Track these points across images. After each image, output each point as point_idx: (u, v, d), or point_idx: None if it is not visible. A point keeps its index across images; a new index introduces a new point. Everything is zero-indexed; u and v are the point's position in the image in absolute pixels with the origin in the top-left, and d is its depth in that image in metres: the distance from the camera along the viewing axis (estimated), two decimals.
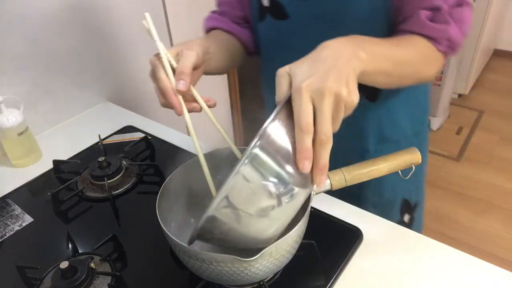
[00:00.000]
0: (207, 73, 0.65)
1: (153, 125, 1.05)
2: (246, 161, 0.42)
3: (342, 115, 0.44)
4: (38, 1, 0.95)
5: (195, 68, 0.58)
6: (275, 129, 0.44)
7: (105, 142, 0.97)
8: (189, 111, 0.57)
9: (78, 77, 1.10)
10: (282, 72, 0.47)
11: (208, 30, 0.80)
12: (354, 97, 0.44)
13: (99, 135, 0.96)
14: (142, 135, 0.98)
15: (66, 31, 1.03)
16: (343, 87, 0.43)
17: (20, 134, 0.89)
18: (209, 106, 0.60)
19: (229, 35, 0.78)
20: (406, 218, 0.85)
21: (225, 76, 1.64)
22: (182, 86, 0.55)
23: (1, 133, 0.88)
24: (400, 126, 0.78)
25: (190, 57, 0.57)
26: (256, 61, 0.86)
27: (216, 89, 1.65)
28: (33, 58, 0.98)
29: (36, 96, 1.01)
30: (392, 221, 0.79)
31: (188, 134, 0.65)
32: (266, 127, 0.43)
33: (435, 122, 2.54)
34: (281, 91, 0.46)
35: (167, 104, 0.57)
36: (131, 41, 1.22)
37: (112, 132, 1.02)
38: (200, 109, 0.59)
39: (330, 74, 0.43)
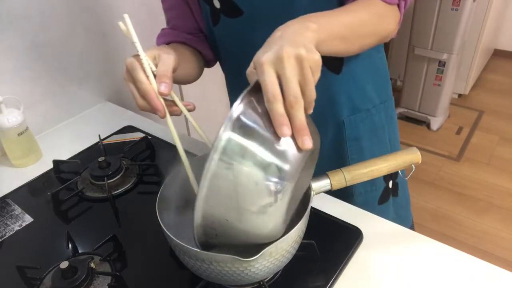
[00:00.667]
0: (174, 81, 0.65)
1: (153, 125, 1.05)
2: (215, 155, 0.42)
3: (311, 76, 0.45)
4: (38, 2, 0.95)
5: (173, 72, 0.58)
6: (242, 111, 0.43)
7: (105, 142, 0.97)
8: (170, 114, 0.57)
9: (78, 77, 1.10)
10: (249, 70, 0.48)
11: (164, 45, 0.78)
12: (314, 55, 0.45)
13: (99, 135, 0.96)
14: (142, 135, 0.98)
15: (66, 31, 1.03)
16: (301, 48, 0.44)
17: (20, 134, 0.89)
18: (189, 110, 0.60)
19: (185, 45, 0.77)
20: (390, 184, 0.86)
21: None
22: (164, 89, 0.55)
23: (1, 133, 0.88)
24: (368, 95, 0.80)
25: (170, 61, 0.57)
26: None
27: (216, 89, 1.65)
28: (33, 58, 0.98)
29: (36, 96, 1.01)
30: (379, 189, 0.81)
31: (188, 134, 0.65)
32: (232, 112, 0.43)
33: (435, 122, 2.54)
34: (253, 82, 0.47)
35: (146, 107, 0.56)
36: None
37: (112, 132, 1.02)
38: (180, 113, 0.59)
39: (285, 45, 0.44)
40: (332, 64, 0.50)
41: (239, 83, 0.48)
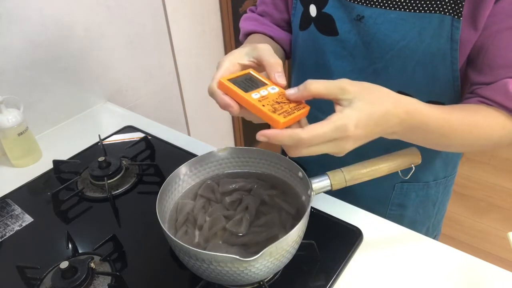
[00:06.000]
0: None
1: (153, 125, 1.05)
2: None
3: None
4: (38, 1, 0.95)
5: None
6: None
7: (105, 142, 0.97)
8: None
9: (78, 77, 1.10)
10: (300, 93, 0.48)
11: (248, 33, 0.77)
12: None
13: (99, 135, 0.96)
14: (142, 135, 0.98)
15: (66, 30, 1.03)
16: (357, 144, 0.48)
17: (20, 134, 0.89)
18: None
19: (271, 40, 0.74)
20: None
21: None
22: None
23: (1, 133, 0.88)
24: (434, 169, 0.75)
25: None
26: None
27: None
28: (33, 58, 0.98)
29: (36, 96, 1.01)
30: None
31: (188, 134, 0.63)
32: None
33: None
34: None
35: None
36: (131, 41, 1.22)
37: (112, 132, 1.02)
38: None
39: (348, 147, 0.47)
40: None
41: (303, 80, 0.47)
